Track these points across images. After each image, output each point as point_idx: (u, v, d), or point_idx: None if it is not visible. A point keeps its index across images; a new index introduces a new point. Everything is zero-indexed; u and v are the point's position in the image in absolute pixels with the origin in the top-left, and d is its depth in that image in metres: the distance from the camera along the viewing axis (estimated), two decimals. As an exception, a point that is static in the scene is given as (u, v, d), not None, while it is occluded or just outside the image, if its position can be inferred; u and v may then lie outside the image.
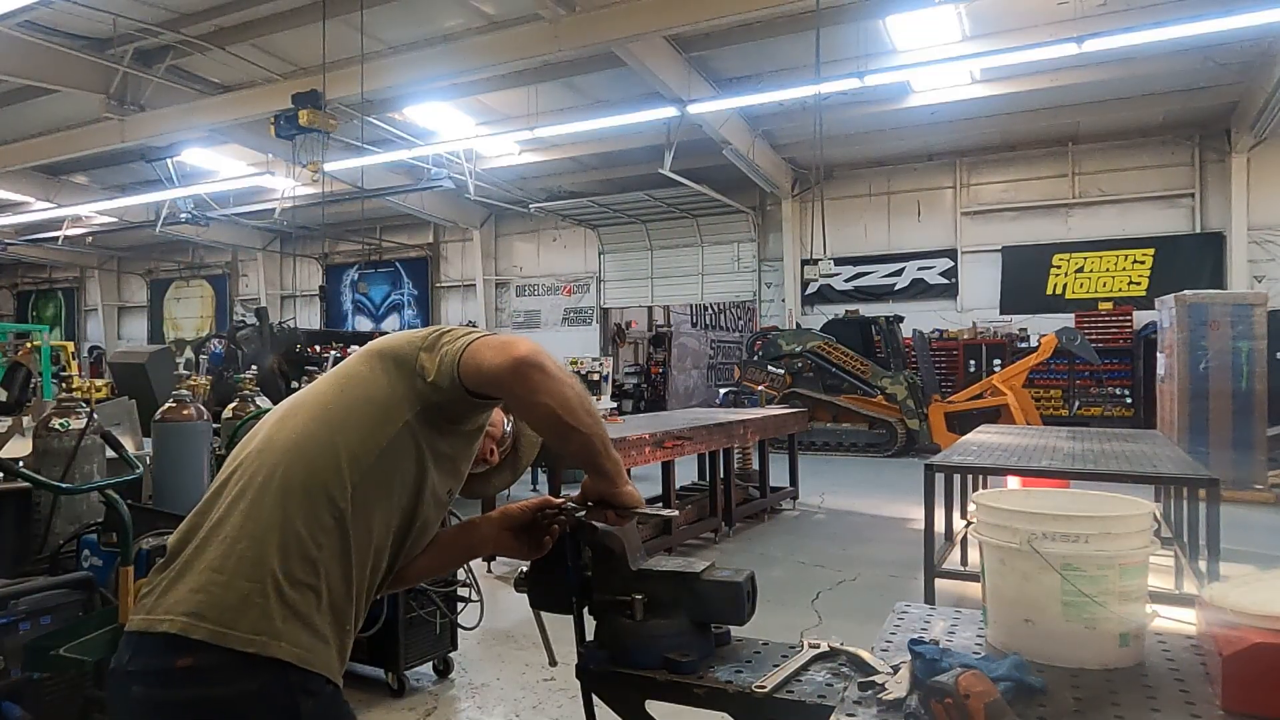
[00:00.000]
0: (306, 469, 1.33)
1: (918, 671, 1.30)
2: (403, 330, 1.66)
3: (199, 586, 1.25)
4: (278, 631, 1.24)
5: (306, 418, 1.40)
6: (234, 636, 1.22)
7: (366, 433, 1.37)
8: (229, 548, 1.27)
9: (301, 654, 1.26)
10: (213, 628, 1.22)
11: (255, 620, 1.23)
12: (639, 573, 1.59)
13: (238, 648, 1.22)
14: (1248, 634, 1.20)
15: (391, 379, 1.41)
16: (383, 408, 1.39)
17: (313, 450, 1.35)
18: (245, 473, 1.35)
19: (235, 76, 12.14)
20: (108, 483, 2.65)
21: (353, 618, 1.38)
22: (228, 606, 1.23)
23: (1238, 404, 8.67)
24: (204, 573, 1.26)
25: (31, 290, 28.39)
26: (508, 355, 1.35)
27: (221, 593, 1.24)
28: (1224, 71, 11.61)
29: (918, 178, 15.97)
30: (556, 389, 1.36)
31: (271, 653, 1.23)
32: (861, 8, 9.64)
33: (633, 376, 20.15)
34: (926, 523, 4.53)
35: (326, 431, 1.37)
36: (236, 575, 1.25)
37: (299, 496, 1.31)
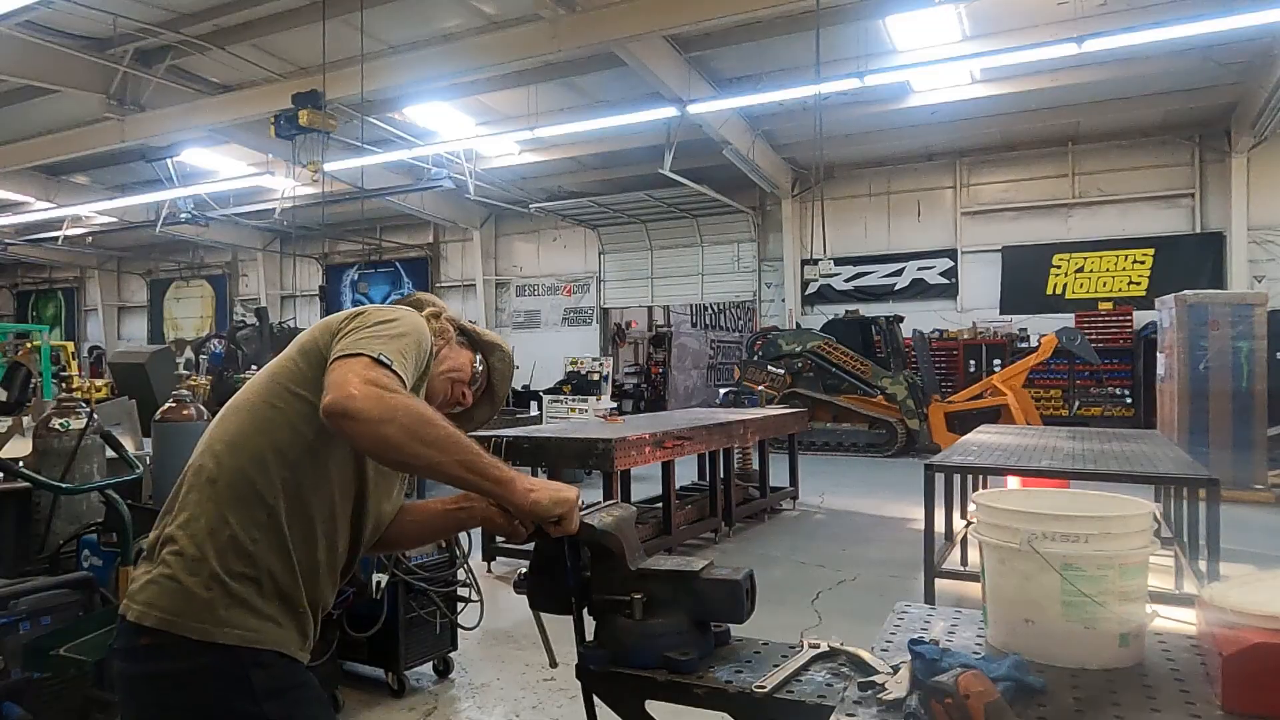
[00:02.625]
0: (236, 470, 1.42)
1: (918, 671, 1.30)
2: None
3: (154, 578, 1.38)
4: (220, 619, 1.35)
5: (238, 418, 1.48)
6: (180, 624, 1.34)
7: (292, 427, 1.44)
8: (179, 545, 1.39)
9: (247, 635, 1.36)
10: (163, 615, 1.35)
11: (200, 611, 1.35)
12: (638, 572, 1.59)
13: (187, 634, 1.34)
14: (1248, 634, 1.20)
15: (310, 369, 1.46)
16: (306, 400, 1.44)
17: (242, 450, 1.43)
18: (190, 472, 1.47)
19: (235, 76, 12.14)
20: (108, 483, 2.66)
21: (304, 598, 1.45)
22: (176, 598, 1.35)
23: (1238, 404, 8.67)
24: (159, 566, 1.39)
25: (31, 290, 28.39)
26: (329, 399, 1.30)
27: (172, 585, 1.36)
28: (1224, 71, 11.61)
29: (918, 178, 15.97)
30: (371, 432, 1.30)
31: (215, 639, 1.34)
32: (861, 8, 9.64)
33: (633, 376, 20.16)
34: (926, 523, 4.53)
35: (254, 430, 1.45)
36: (181, 571, 1.36)
37: (230, 497, 1.40)
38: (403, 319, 1.50)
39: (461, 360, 1.71)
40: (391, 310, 1.53)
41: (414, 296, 1.74)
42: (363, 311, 1.52)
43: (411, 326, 1.50)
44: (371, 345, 1.38)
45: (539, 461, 6.39)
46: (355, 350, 1.37)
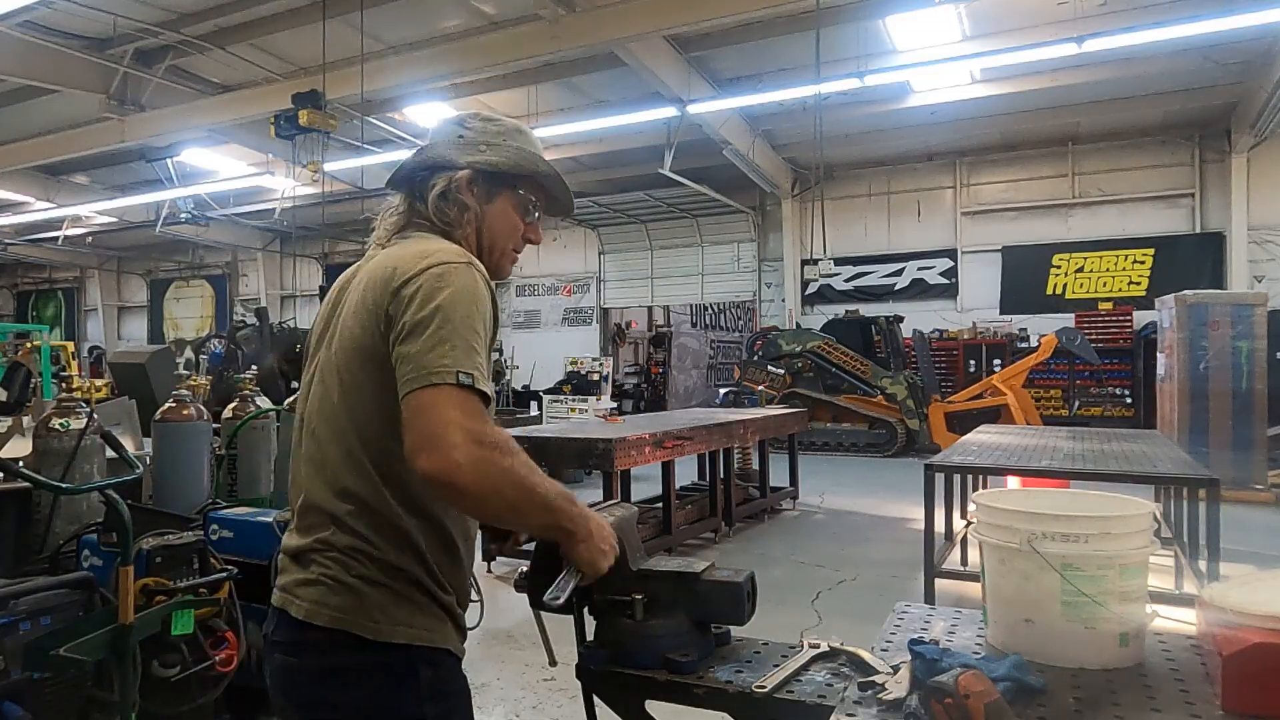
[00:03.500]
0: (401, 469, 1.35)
1: (918, 671, 1.30)
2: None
3: (319, 577, 1.35)
4: (392, 617, 1.33)
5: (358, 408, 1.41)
6: (354, 622, 1.32)
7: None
8: (344, 543, 1.35)
9: (419, 633, 1.35)
10: (334, 614, 1.32)
11: (372, 609, 1.33)
12: (639, 573, 1.59)
13: (361, 633, 1.31)
14: (1248, 634, 1.20)
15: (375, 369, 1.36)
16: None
17: (386, 442, 1.37)
18: (328, 465, 1.43)
19: (235, 76, 12.14)
20: (108, 483, 2.65)
21: (459, 594, 1.45)
22: (346, 596, 1.33)
23: (1238, 404, 8.67)
24: (323, 565, 1.36)
25: (31, 290, 28.39)
26: (430, 464, 1.21)
27: (339, 585, 1.34)
28: (1224, 71, 11.61)
29: (918, 178, 15.97)
30: (473, 506, 1.32)
31: (387, 637, 1.32)
32: (861, 8, 9.64)
33: (633, 376, 20.16)
34: (926, 523, 4.54)
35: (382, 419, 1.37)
36: (348, 569, 1.34)
37: (398, 497, 1.36)
38: (467, 285, 1.32)
39: (506, 222, 1.55)
40: (450, 272, 1.33)
41: (429, 148, 1.53)
42: (422, 281, 1.31)
43: (475, 290, 1.33)
44: (451, 356, 1.25)
45: (539, 461, 6.38)
46: (434, 371, 1.24)
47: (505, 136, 1.54)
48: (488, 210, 1.52)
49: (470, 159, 1.50)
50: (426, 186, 1.50)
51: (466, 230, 1.50)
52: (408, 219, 1.53)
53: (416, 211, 1.52)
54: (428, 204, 1.49)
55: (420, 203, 1.51)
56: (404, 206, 1.54)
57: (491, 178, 1.51)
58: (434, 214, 1.49)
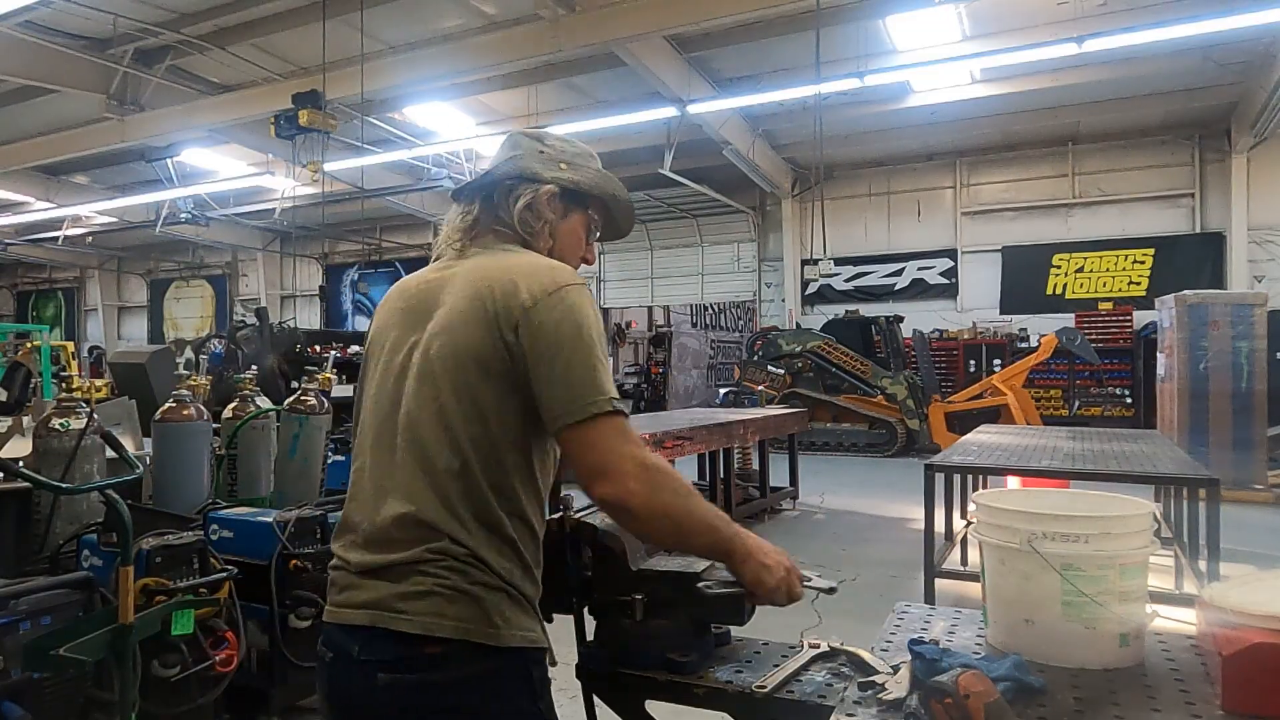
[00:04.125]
0: (488, 467, 1.39)
1: (918, 671, 1.30)
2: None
3: (433, 588, 1.32)
4: (509, 622, 1.34)
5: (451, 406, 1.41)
6: (476, 631, 1.31)
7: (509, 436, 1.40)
8: (456, 551, 1.34)
9: (529, 635, 1.37)
10: (458, 624, 1.31)
11: (491, 616, 1.32)
12: (639, 573, 1.59)
13: (483, 641, 1.31)
14: (1248, 634, 1.20)
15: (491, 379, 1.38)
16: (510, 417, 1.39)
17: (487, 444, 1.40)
18: (424, 468, 1.41)
19: (235, 76, 12.14)
20: (108, 483, 2.65)
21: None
22: (466, 605, 1.32)
23: (1238, 404, 8.67)
24: (438, 574, 1.33)
25: (31, 290, 28.38)
26: (608, 492, 1.31)
27: (457, 594, 1.32)
28: (1224, 71, 11.60)
29: (918, 178, 15.97)
30: (643, 528, 1.40)
31: (506, 643, 1.33)
32: (861, 8, 9.64)
33: (633, 376, 20.15)
34: (926, 523, 4.53)
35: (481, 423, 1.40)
36: (466, 578, 1.33)
37: (506, 506, 1.38)
38: (591, 306, 1.40)
39: (574, 239, 1.60)
40: (577, 295, 1.39)
41: (515, 159, 1.55)
42: (554, 304, 1.35)
43: (595, 310, 1.42)
44: (598, 382, 1.33)
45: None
46: (592, 402, 1.31)
47: (583, 158, 1.63)
48: (562, 226, 1.56)
49: (555, 175, 1.55)
50: (510, 196, 1.53)
51: (543, 242, 1.54)
52: (485, 225, 1.54)
53: (496, 218, 1.53)
54: (512, 213, 1.51)
55: (503, 210, 1.53)
56: (477, 212, 1.55)
57: (571, 195, 1.56)
58: (518, 223, 1.52)
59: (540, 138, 1.61)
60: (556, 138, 1.63)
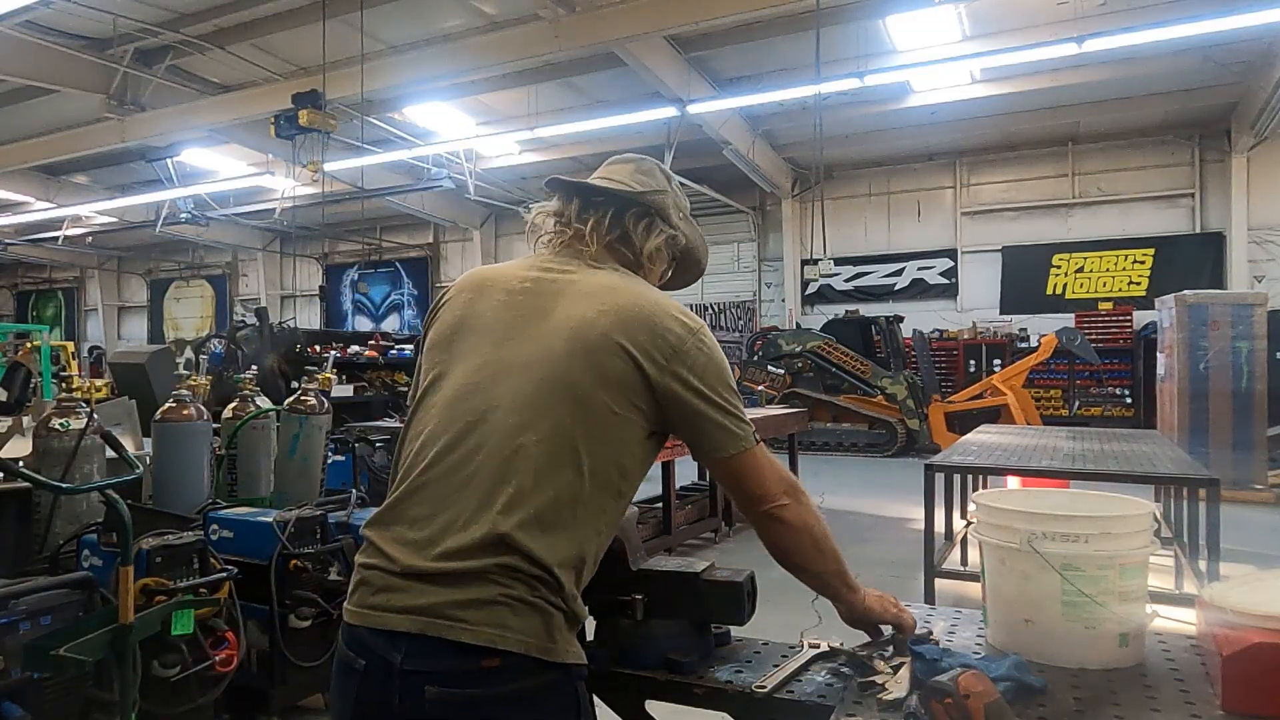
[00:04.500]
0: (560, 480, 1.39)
1: (918, 671, 1.30)
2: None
3: (498, 598, 1.29)
4: (566, 638, 1.35)
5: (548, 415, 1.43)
6: (536, 645, 1.30)
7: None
8: (522, 563, 1.31)
9: (578, 651, 1.38)
10: (521, 638, 1.29)
11: (552, 631, 1.32)
12: (639, 573, 1.59)
13: (541, 656, 1.30)
14: (1248, 634, 1.20)
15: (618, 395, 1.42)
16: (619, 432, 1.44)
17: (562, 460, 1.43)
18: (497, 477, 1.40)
19: (235, 76, 12.14)
20: (108, 483, 2.65)
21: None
22: (529, 619, 1.31)
23: (1238, 404, 8.67)
24: (504, 584, 1.30)
25: (31, 290, 28.38)
26: (768, 508, 1.47)
27: (522, 606, 1.30)
28: (1224, 71, 11.60)
29: (918, 178, 15.97)
30: (793, 538, 1.51)
31: (561, 659, 1.33)
32: (861, 8, 9.64)
33: (633, 376, 20.12)
34: (926, 523, 4.53)
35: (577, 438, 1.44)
36: (532, 591, 1.31)
37: (592, 524, 1.41)
38: (719, 350, 1.49)
39: (654, 281, 1.67)
40: (711, 336, 1.49)
41: (657, 196, 1.61)
42: (700, 340, 1.44)
43: (724, 356, 1.51)
44: (746, 421, 1.46)
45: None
46: (746, 436, 1.45)
47: (692, 221, 1.71)
48: (658, 270, 1.64)
49: (679, 224, 1.63)
50: (644, 223, 1.58)
51: (654, 279, 1.62)
52: (604, 240, 1.56)
53: (622, 236, 1.57)
54: (643, 241, 1.57)
55: (633, 234, 1.57)
56: (609, 224, 1.56)
57: (677, 249, 1.65)
58: (645, 254, 1.57)
59: (670, 177, 1.68)
60: (679, 183, 1.71)
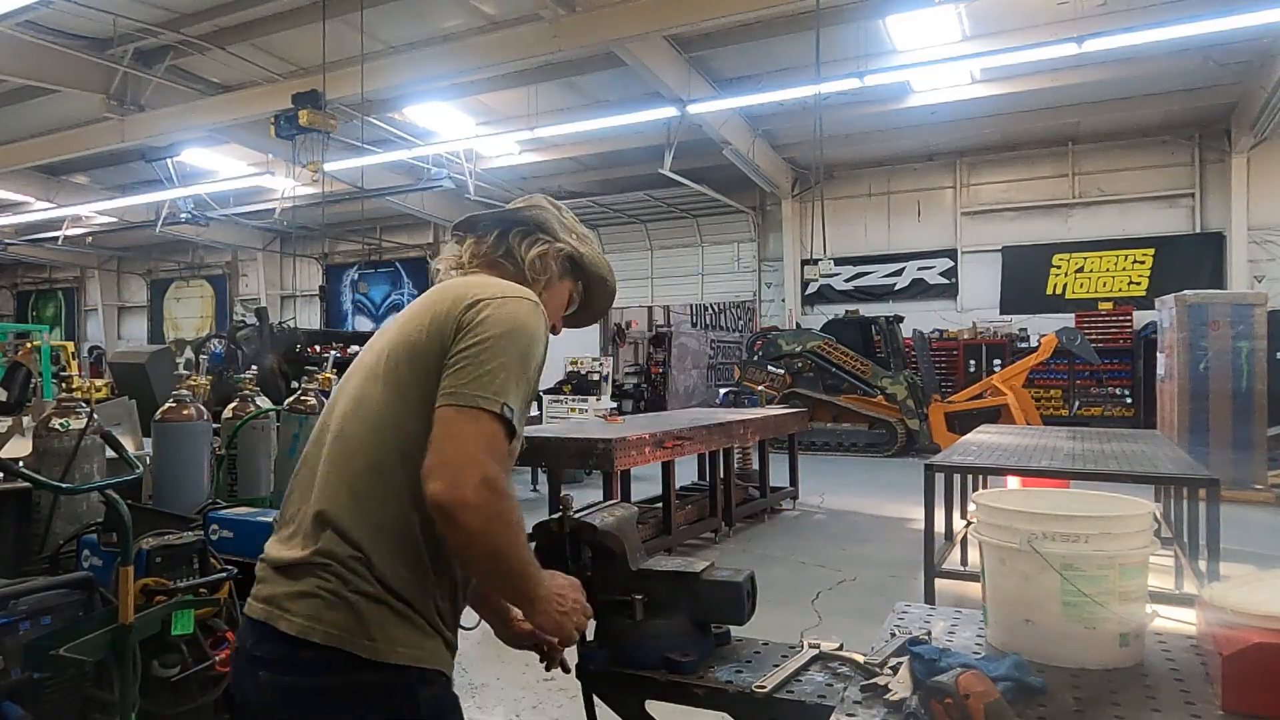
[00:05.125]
0: (397, 475, 1.37)
1: (918, 671, 1.30)
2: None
3: (314, 590, 1.31)
4: (391, 638, 1.31)
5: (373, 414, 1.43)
6: (351, 641, 1.29)
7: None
8: (342, 556, 1.32)
9: (417, 654, 1.33)
10: (330, 631, 1.29)
11: (370, 628, 1.30)
12: (639, 573, 1.59)
13: (357, 652, 1.28)
14: (1248, 634, 1.20)
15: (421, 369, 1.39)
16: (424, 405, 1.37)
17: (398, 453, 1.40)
18: (335, 474, 1.41)
19: (235, 76, 12.14)
20: (108, 483, 2.65)
21: (457, 615, 1.47)
22: (344, 613, 1.29)
23: (1238, 404, 8.67)
24: (320, 577, 1.32)
25: (31, 290, 28.39)
26: (440, 490, 1.24)
27: (336, 600, 1.30)
28: (1224, 71, 11.61)
29: (918, 178, 15.97)
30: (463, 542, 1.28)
31: (386, 658, 1.30)
32: (861, 8, 9.64)
33: (633, 376, 20.13)
34: (926, 523, 4.53)
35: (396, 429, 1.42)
36: (347, 585, 1.31)
37: (423, 514, 1.34)
38: (536, 327, 1.41)
39: (558, 302, 1.69)
40: (526, 310, 1.40)
41: (537, 211, 1.66)
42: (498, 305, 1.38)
43: (538, 333, 1.41)
44: (502, 386, 1.30)
45: (539, 461, 6.38)
46: (483, 395, 1.29)
47: (590, 240, 1.76)
48: (556, 285, 1.66)
49: (569, 240, 1.67)
50: (527, 239, 1.62)
51: (538, 289, 1.60)
52: (491, 257, 1.61)
53: (506, 253, 1.61)
54: (524, 255, 1.60)
55: (516, 250, 1.61)
56: (492, 241, 1.62)
57: (573, 263, 1.67)
58: (527, 265, 1.60)
59: (560, 208, 1.73)
60: (572, 215, 1.76)
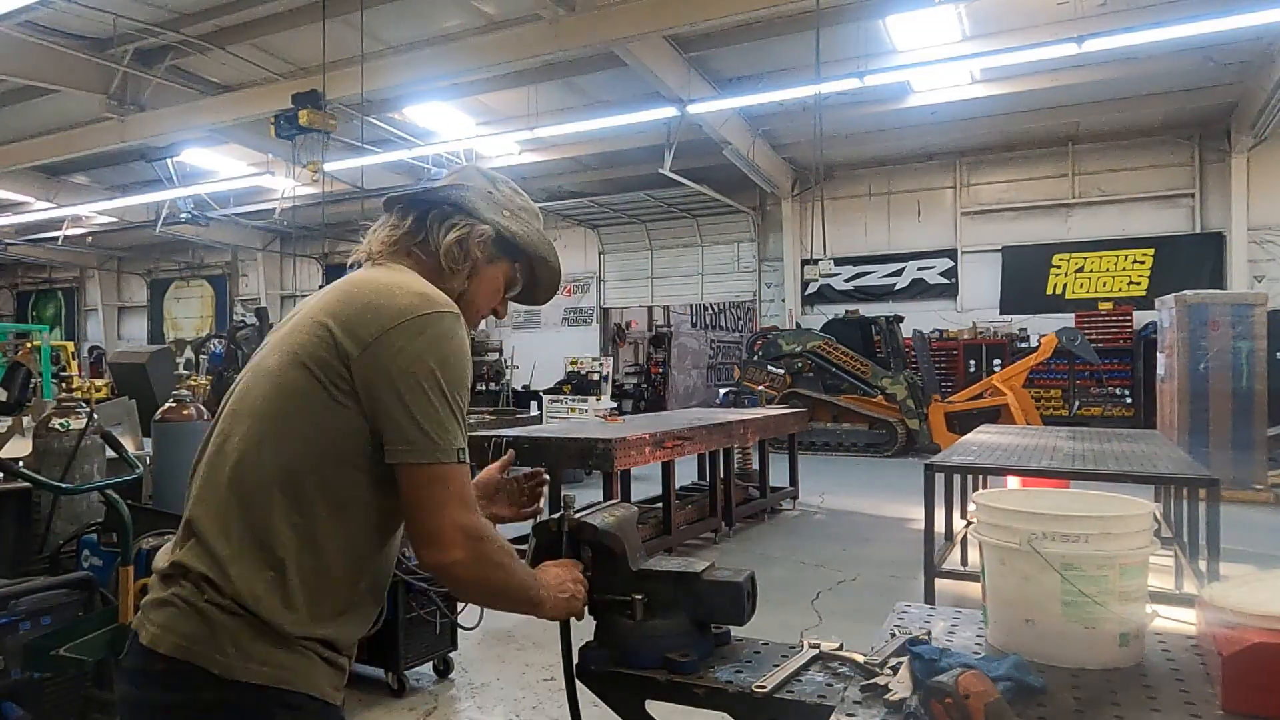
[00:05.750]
0: (265, 481, 1.32)
1: (917, 671, 1.30)
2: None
3: (170, 598, 1.24)
4: (245, 653, 1.21)
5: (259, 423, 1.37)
6: (200, 654, 1.20)
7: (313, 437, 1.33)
8: (200, 563, 1.25)
9: (275, 673, 1.22)
10: (179, 642, 1.21)
11: (221, 642, 1.20)
12: (639, 573, 1.59)
13: (207, 667, 1.20)
14: (1248, 634, 1.19)
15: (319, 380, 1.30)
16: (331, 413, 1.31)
17: (270, 458, 1.33)
18: (207, 482, 1.35)
19: (235, 76, 12.14)
20: (108, 483, 2.65)
21: (341, 632, 1.32)
22: (195, 623, 1.21)
23: (1238, 404, 8.67)
24: (177, 584, 1.25)
25: (31, 290, 28.39)
26: (432, 558, 1.28)
27: (188, 609, 1.22)
28: (1224, 71, 11.61)
29: (918, 178, 15.97)
30: (463, 592, 1.41)
31: (238, 676, 1.20)
32: (861, 8, 9.64)
33: (633, 376, 20.14)
34: (926, 523, 4.53)
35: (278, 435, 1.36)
36: (200, 594, 1.23)
37: (299, 527, 1.30)
38: (460, 345, 1.32)
39: (490, 288, 1.55)
40: (448, 329, 1.31)
41: (460, 190, 1.51)
42: (417, 330, 1.28)
43: (464, 349, 1.33)
44: (452, 427, 1.27)
45: (539, 461, 6.37)
46: (440, 446, 1.25)
47: (528, 214, 1.60)
48: (485, 269, 1.52)
49: (495, 219, 1.51)
50: (445, 223, 1.48)
51: (459, 281, 1.48)
52: (405, 245, 1.48)
53: (422, 241, 1.48)
54: (440, 239, 1.46)
55: (432, 235, 1.48)
56: (409, 227, 1.49)
57: (504, 244, 1.53)
58: (443, 253, 1.46)
59: (494, 180, 1.58)
60: (510, 186, 1.60)
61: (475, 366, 13.89)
